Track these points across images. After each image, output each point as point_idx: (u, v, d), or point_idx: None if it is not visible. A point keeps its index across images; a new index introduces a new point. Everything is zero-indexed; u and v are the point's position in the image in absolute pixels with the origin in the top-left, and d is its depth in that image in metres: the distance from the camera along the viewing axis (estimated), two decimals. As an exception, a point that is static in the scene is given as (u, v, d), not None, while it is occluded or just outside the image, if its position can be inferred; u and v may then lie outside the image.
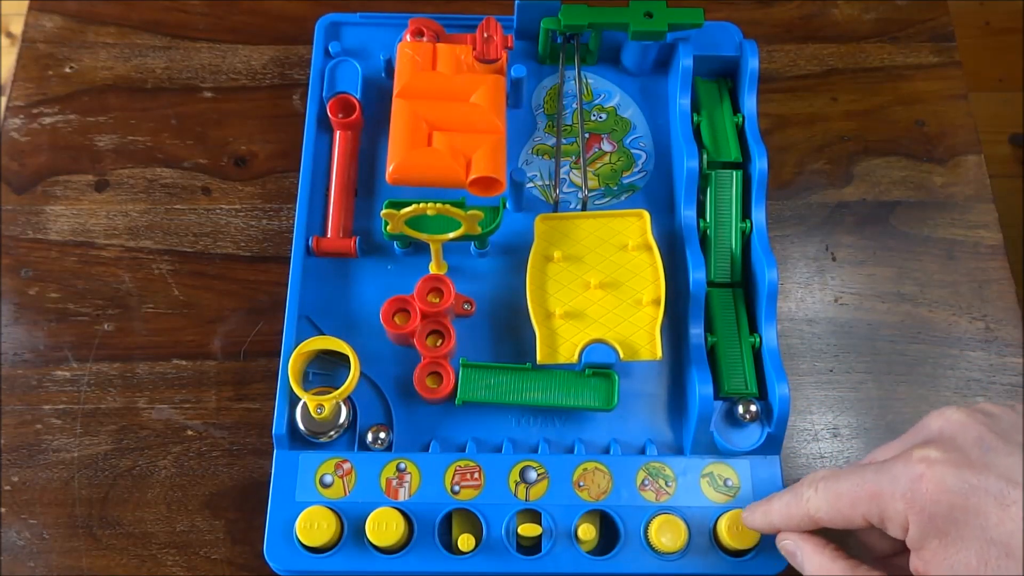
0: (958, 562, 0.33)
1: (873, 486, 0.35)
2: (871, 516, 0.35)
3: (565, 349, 0.47)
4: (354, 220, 0.52)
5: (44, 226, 0.54)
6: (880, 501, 0.35)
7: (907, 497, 0.34)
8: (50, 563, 0.47)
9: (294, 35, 0.59)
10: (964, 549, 0.33)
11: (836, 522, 0.37)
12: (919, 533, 0.34)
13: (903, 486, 0.34)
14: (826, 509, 0.37)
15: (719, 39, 0.54)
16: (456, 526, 0.45)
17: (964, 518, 0.33)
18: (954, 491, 0.33)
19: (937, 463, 0.33)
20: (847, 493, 0.36)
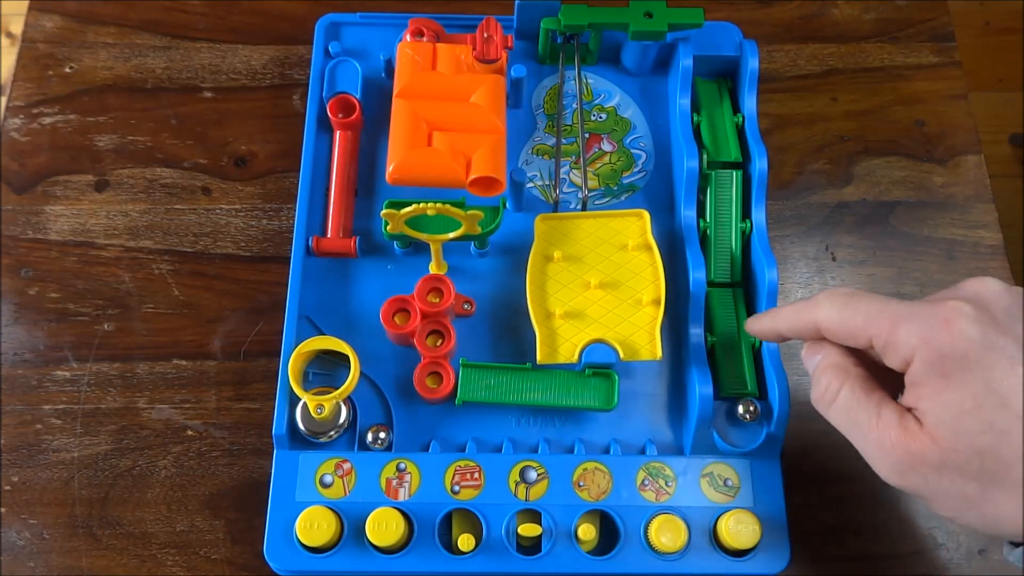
0: (953, 401, 0.33)
1: (894, 314, 0.35)
2: (879, 338, 0.36)
3: (565, 349, 0.47)
4: (354, 220, 0.52)
5: (44, 226, 0.54)
6: (896, 328, 0.35)
7: (925, 334, 0.34)
8: (50, 563, 0.47)
9: (294, 35, 0.59)
10: (963, 391, 0.33)
11: (839, 335, 0.37)
12: (923, 369, 0.34)
13: (926, 324, 0.34)
14: (836, 319, 0.37)
15: (719, 39, 0.54)
16: (456, 526, 0.45)
17: (972, 366, 0.33)
18: (973, 341, 0.33)
19: (967, 316, 0.34)
20: (864, 311, 0.36)
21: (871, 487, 0.50)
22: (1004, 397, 0.33)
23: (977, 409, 0.33)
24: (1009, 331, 0.34)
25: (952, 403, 0.33)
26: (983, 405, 0.33)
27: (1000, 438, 0.33)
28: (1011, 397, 0.33)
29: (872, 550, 0.49)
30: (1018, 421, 0.32)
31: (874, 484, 0.50)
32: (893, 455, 0.35)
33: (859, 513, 0.49)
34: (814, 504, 0.49)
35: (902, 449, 0.35)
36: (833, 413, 0.38)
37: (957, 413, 0.33)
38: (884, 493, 0.50)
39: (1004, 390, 0.33)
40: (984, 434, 0.33)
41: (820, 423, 0.51)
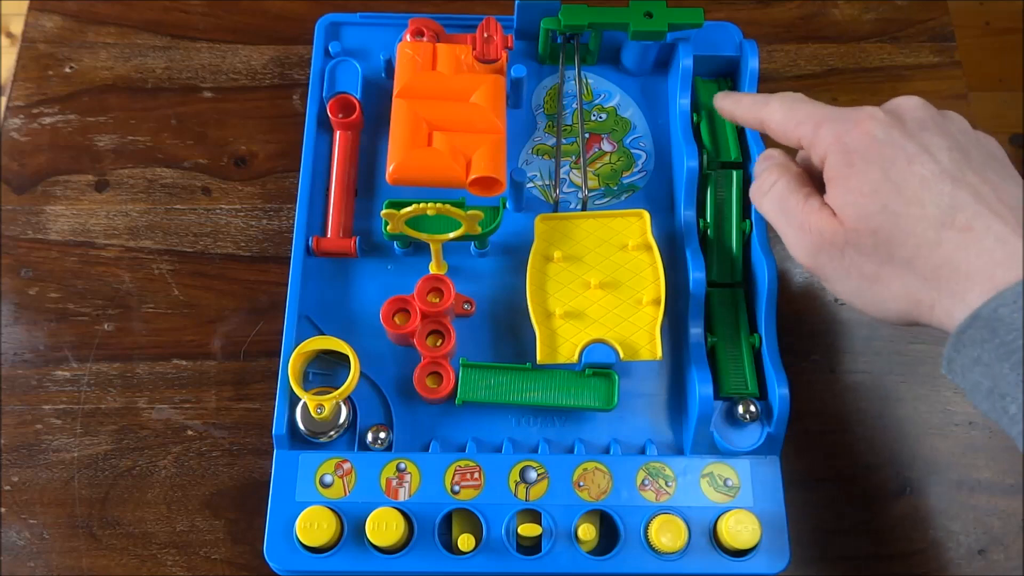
0: (855, 186, 0.38)
1: (820, 116, 0.40)
2: (805, 137, 0.40)
3: (565, 349, 0.47)
4: (354, 220, 0.52)
5: (44, 226, 0.54)
6: (819, 128, 0.40)
7: (838, 132, 0.39)
8: (50, 563, 0.47)
9: (294, 35, 0.59)
10: (863, 178, 0.38)
11: (779, 133, 0.42)
12: (834, 162, 0.39)
13: (841, 124, 0.39)
14: (778, 119, 0.42)
15: (719, 39, 0.54)
16: (456, 526, 0.45)
17: (874, 159, 0.38)
18: (876, 139, 0.38)
19: (876, 119, 0.39)
20: (800, 114, 0.41)
21: (871, 487, 0.50)
22: (898, 185, 0.37)
23: (874, 193, 0.37)
24: (913, 135, 0.38)
25: (854, 188, 0.38)
26: (879, 190, 0.37)
27: (892, 219, 0.37)
28: (904, 186, 0.37)
29: (872, 550, 0.49)
30: (909, 206, 0.36)
31: (874, 484, 0.50)
32: (808, 237, 0.39)
33: (859, 513, 0.50)
34: (814, 504, 0.49)
35: (816, 231, 0.39)
36: (767, 202, 0.42)
37: (858, 196, 0.38)
38: (884, 493, 0.50)
39: (899, 180, 0.37)
40: (879, 214, 0.37)
41: (820, 423, 0.51)
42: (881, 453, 0.51)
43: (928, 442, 0.51)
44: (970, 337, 0.35)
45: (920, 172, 0.37)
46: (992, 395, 0.34)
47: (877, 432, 0.51)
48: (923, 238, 0.36)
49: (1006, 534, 0.49)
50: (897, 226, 0.37)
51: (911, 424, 0.51)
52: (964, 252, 0.35)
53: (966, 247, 0.35)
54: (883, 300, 0.38)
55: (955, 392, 0.52)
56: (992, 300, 0.34)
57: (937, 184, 0.36)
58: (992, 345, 0.34)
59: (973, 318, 0.34)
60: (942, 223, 0.36)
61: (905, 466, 0.50)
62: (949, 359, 0.36)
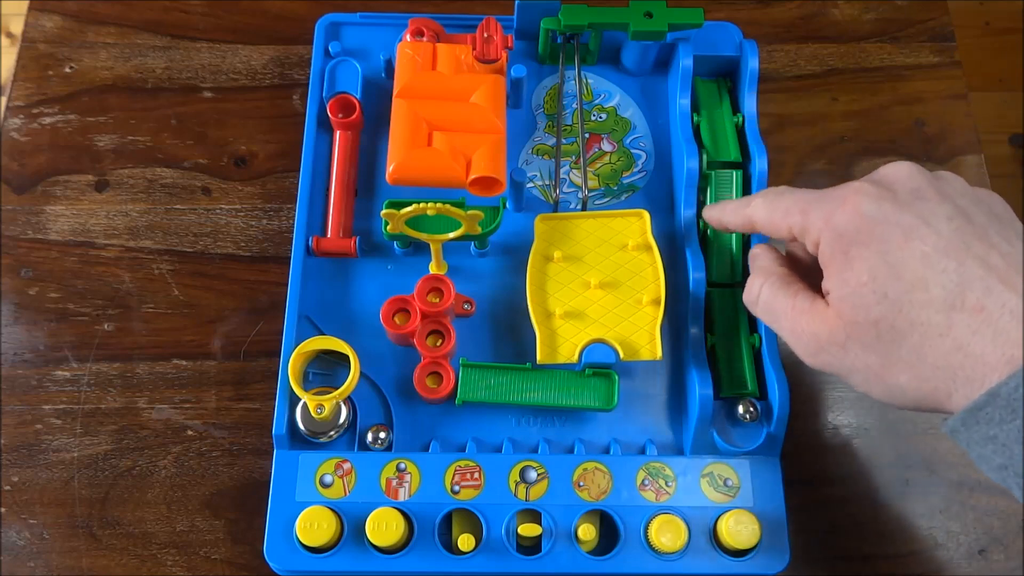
0: (851, 276, 0.35)
1: (806, 202, 0.38)
2: (794, 228, 0.39)
3: (565, 349, 0.47)
4: (354, 220, 0.52)
5: (44, 226, 0.54)
6: (807, 215, 0.38)
7: (827, 215, 0.37)
8: (50, 563, 0.47)
9: (294, 35, 0.59)
10: (859, 265, 0.35)
11: (768, 229, 0.41)
12: (827, 249, 0.37)
13: (827, 206, 0.37)
14: (763, 215, 0.41)
15: (719, 39, 0.54)
16: (456, 526, 0.45)
17: (868, 240, 0.35)
18: (867, 217, 0.36)
19: (864, 194, 0.36)
20: (784, 204, 0.39)
21: (871, 487, 0.50)
22: (896, 268, 0.34)
23: (872, 281, 0.35)
24: (908, 207, 0.35)
25: (850, 278, 0.35)
26: (876, 277, 0.35)
27: (893, 308, 0.34)
28: (903, 268, 0.34)
29: (872, 550, 0.49)
30: (911, 291, 0.34)
31: (874, 484, 0.50)
32: (804, 338, 0.38)
33: (859, 513, 0.49)
34: (814, 504, 0.49)
35: (811, 332, 0.37)
36: (758, 310, 0.41)
37: (855, 287, 0.35)
38: (884, 493, 0.50)
39: (896, 261, 0.34)
40: (879, 304, 0.34)
41: (820, 423, 0.51)
42: (881, 453, 0.51)
43: (928, 442, 0.51)
44: (987, 416, 0.32)
45: (920, 248, 0.34)
46: (1005, 471, 0.32)
47: (877, 432, 0.51)
48: (930, 325, 0.33)
49: (1006, 534, 0.49)
50: (900, 315, 0.34)
51: (911, 424, 0.51)
52: (979, 336, 0.32)
53: (980, 330, 0.32)
54: (896, 391, 0.36)
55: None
56: (1010, 379, 0.31)
57: (940, 260, 0.34)
58: (1013, 426, 0.31)
59: (991, 395, 0.32)
60: (951, 305, 0.33)
61: (905, 466, 0.50)
62: (954, 429, 0.33)
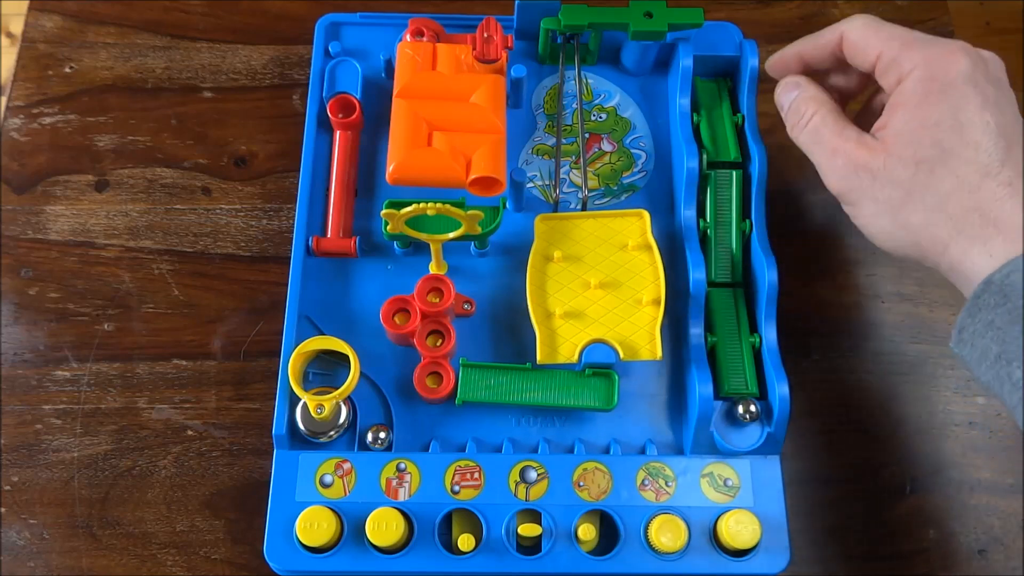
0: (921, 114, 0.39)
1: (909, 39, 0.41)
2: (888, 53, 0.41)
3: (565, 349, 0.47)
4: (354, 220, 0.52)
5: (44, 226, 0.54)
6: (907, 48, 0.40)
7: (929, 57, 0.40)
8: (50, 563, 0.47)
9: (294, 35, 0.59)
10: (933, 109, 0.39)
11: (856, 47, 0.43)
12: (911, 86, 0.40)
13: (932, 50, 0.40)
14: (859, 32, 0.43)
15: (719, 39, 0.54)
16: (456, 526, 0.45)
17: (952, 94, 0.39)
18: (963, 74, 0.39)
19: (967, 54, 0.39)
20: (886, 32, 0.42)
21: (871, 487, 0.50)
22: (963, 126, 0.38)
23: (936, 127, 0.39)
24: (994, 84, 0.39)
25: (919, 116, 0.39)
26: (942, 125, 0.39)
27: (943, 155, 0.38)
28: (968, 128, 0.38)
29: (872, 550, 0.49)
30: (964, 148, 0.38)
31: (874, 484, 0.50)
32: (841, 159, 0.41)
33: (859, 513, 0.50)
34: (814, 504, 0.49)
35: (850, 156, 0.41)
36: (804, 135, 0.44)
37: (919, 125, 0.39)
38: (884, 493, 0.50)
39: (966, 121, 0.38)
40: (932, 148, 0.39)
41: (820, 423, 0.51)
42: (881, 453, 0.51)
43: (928, 442, 0.51)
44: (985, 301, 0.36)
45: (988, 119, 0.38)
46: (999, 361, 0.36)
47: (877, 432, 0.51)
48: (965, 180, 0.38)
49: (1006, 534, 0.49)
50: (945, 164, 0.38)
51: (911, 424, 0.51)
52: (999, 203, 0.37)
53: (1002, 199, 0.37)
54: (898, 229, 0.40)
55: (955, 392, 0.52)
56: (1005, 266, 0.36)
57: (998, 136, 0.38)
58: (1004, 309, 0.35)
59: (987, 283, 0.36)
60: (987, 172, 0.38)
61: (905, 466, 0.50)
62: (961, 327, 0.37)
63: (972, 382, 0.52)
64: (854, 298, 0.54)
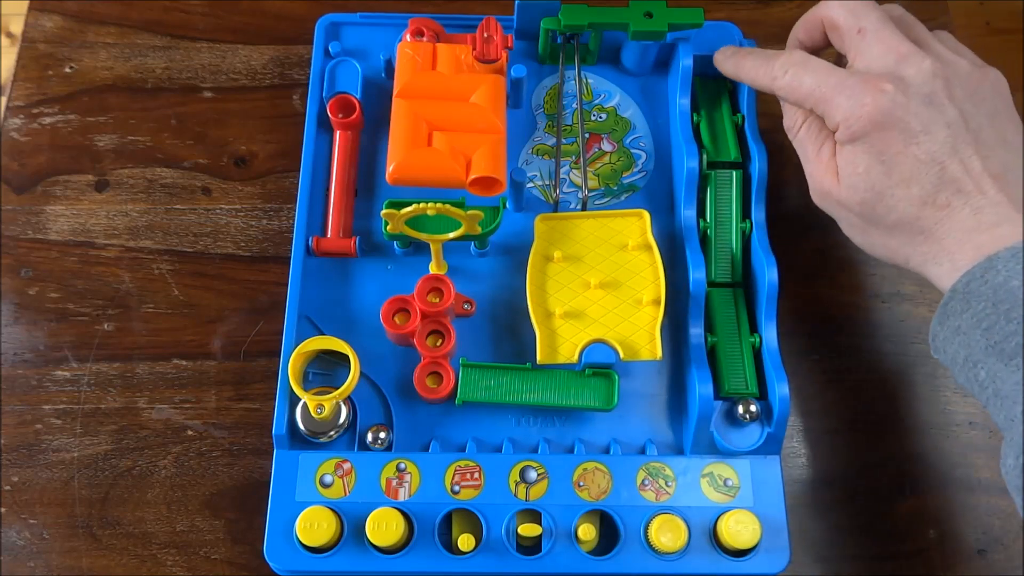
0: (851, 164, 0.42)
1: (827, 91, 0.42)
2: (817, 109, 0.43)
3: (565, 349, 0.47)
4: (354, 220, 0.52)
5: (44, 226, 0.54)
6: (827, 104, 0.42)
7: (845, 112, 0.41)
8: (50, 563, 0.47)
9: (294, 35, 0.59)
10: (860, 157, 0.41)
11: (788, 100, 0.46)
12: (841, 136, 0.42)
13: (848, 103, 0.41)
14: (785, 90, 0.45)
15: (719, 39, 0.53)
16: (456, 526, 0.45)
17: (873, 139, 0.41)
18: (877, 122, 0.40)
19: (882, 94, 0.40)
20: (806, 88, 0.43)
21: (871, 487, 0.50)
22: (888, 167, 0.40)
23: (866, 173, 0.41)
24: (915, 115, 0.40)
25: (851, 161, 0.42)
26: (870, 171, 0.41)
27: (877, 196, 0.41)
28: (894, 168, 0.40)
29: (872, 550, 0.49)
30: (895, 187, 0.40)
31: (874, 484, 0.50)
32: (815, 184, 0.45)
33: (859, 513, 0.50)
34: (814, 504, 0.49)
35: (820, 182, 0.44)
36: (795, 143, 0.47)
37: (852, 169, 0.42)
38: (884, 493, 0.50)
39: (890, 161, 0.40)
40: (867, 192, 0.41)
41: (821, 423, 0.51)
42: (881, 453, 0.51)
43: (928, 442, 0.51)
44: (952, 308, 0.38)
45: (915, 153, 0.40)
46: (967, 364, 0.38)
47: (877, 432, 0.51)
48: (903, 214, 0.40)
49: (1006, 534, 0.49)
50: (881, 203, 0.41)
51: (911, 424, 0.51)
52: (941, 226, 0.39)
53: (941, 222, 0.39)
54: (875, 248, 0.44)
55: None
56: (965, 275, 0.38)
57: (928, 165, 0.40)
58: (968, 315, 0.37)
59: (952, 292, 0.38)
60: (923, 202, 0.40)
61: (905, 466, 0.50)
62: (934, 334, 0.40)
63: (972, 382, 0.52)
64: (854, 298, 0.54)
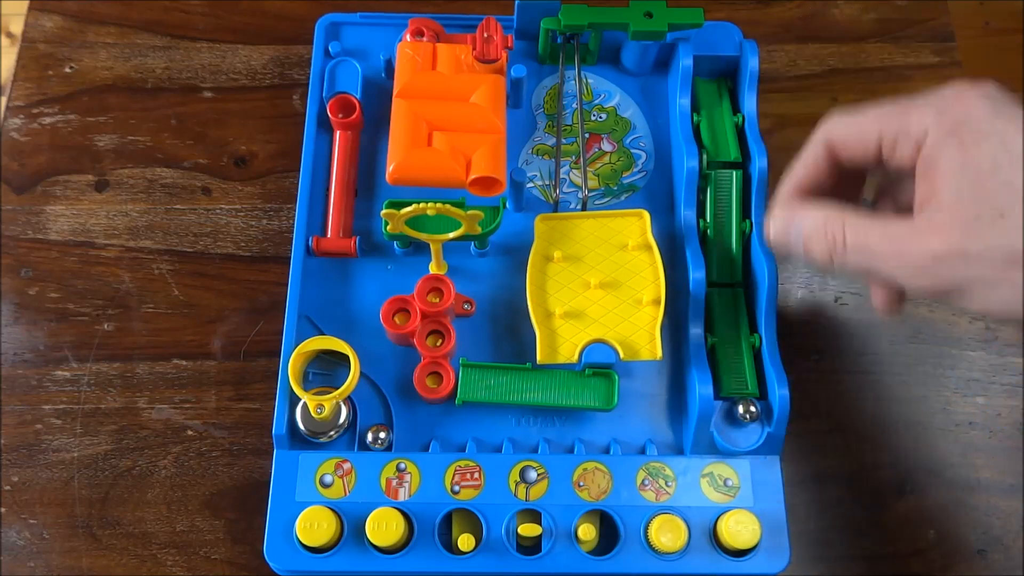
0: (972, 163, 0.34)
1: (902, 105, 0.36)
2: (889, 130, 0.37)
3: (565, 349, 0.47)
4: (354, 220, 0.52)
5: (44, 226, 0.54)
6: (907, 115, 0.36)
7: (940, 108, 0.35)
8: (50, 563, 0.47)
9: (294, 35, 0.59)
10: (980, 152, 0.34)
11: (850, 139, 0.38)
12: (939, 140, 0.35)
13: (938, 102, 0.35)
14: (843, 131, 0.38)
15: (719, 39, 0.54)
16: (456, 526, 0.45)
17: (987, 129, 0.34)
18: (986, 108, 0.34)
19: (977, 90, 0.35)
20: (871, 114, 0.37)
21: (871, 487, 0.50)
22: (1017, 156, 0.33)
23: (996, 169, 0.33)
24: (1011, 101, 0.35)
25: (969, 167, 0.34)
26: (1001, 164, 0.33)
27: (1016, 195, 0.33)
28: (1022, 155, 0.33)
29: (872, 550, 0.49)
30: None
31: (874, 484, 0.50)
32: (915, 258, 0.34)
33: (859, 513, 0.50)
34: (815, 504, 0.49)
35: (922, 250, 0.34)
36: (850, 257, 0.36)
37: (976, 175, 0.34)
38: (884, 493, 0.50)
39: (1017, 150, 0.33)
40: (1004, 192, 0.33)
41: (820, 423, 0.51)
42: (881, 453, 0.51)
43: (928, 442, 0.51)
44: None
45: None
46: None
47: (877, 432, 0.51)
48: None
49: (1006, 534, 0.49)
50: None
51: (911, 424, 0.51)
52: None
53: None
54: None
55: (955, 392, 0.52)
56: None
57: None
58: None
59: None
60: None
61: (905, 466, 0.50)
62: None
63: (972, 382, 0.52)
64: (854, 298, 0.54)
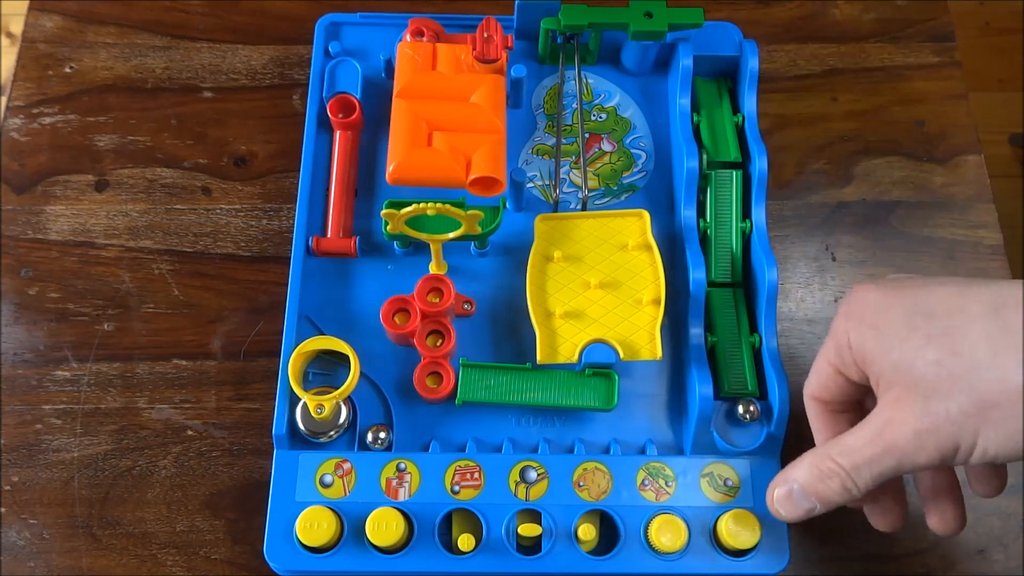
0: (882, 336, 0.37)
1: (829, 334, 0.40)
2: (836, 362, 0.40)
3: (565, 349, 0.47)
4: (354, 220, 0.52)
5: (44, 226, 0.54)
6: (836, 336, 0.39)
7: (844, 312, 0.39)
8: (50, 563, 0.47)
9: (294, 35, 0.59)
10: (887, 331, 0.37)
11: (826, 394, 0.42)
12: (857, 334, 0.38)
13: (841, 309, 0.39)
14: (816, 386, 0.42)
15: (719, 39, 0.54)
16: (456, 526, 0.45)
17: (885, 309, 0.37)
18: (874, 292, 0.38)
19: (862, 283, 0.39)
20: (820, 358, 0.41)
21: (871, 487, 0.50)
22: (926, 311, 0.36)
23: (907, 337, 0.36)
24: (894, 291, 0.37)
25: (907, 348, 0.36)
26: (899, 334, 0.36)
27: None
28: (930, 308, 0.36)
29: (872, 550, 0.49)
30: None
31: (874, 484, 0.50)
32: (902, 441, 0.35)
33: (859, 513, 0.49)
34: (814, 504, 0.49)
35: (904, 430, 0.35)
36: (861, 475, 0.37)
37: (900, 347, 0.36)
38: (884, 493, 0.50)
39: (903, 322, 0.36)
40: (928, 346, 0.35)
41: (820, 423, 0.51)
42: (881, 453, 0.50)
43: (928, 442, 0.51)
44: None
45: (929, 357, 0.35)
46: None
47: (877, 432, 0.51)
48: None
49: (1006, 534, 0.49)
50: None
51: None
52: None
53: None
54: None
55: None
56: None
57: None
58: None
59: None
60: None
61: (905, 466, 0.50)
62: None
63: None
64: (854, 298, 0.54)
